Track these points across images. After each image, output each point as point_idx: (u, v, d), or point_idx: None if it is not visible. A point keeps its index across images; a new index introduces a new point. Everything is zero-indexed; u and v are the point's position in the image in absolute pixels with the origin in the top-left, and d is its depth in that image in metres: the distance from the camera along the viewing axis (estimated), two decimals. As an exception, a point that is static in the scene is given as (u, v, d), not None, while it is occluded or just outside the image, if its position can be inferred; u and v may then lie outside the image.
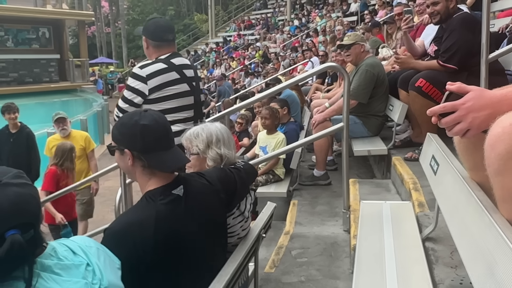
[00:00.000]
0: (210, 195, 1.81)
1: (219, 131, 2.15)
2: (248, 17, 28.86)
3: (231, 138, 2.21)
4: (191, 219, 1.70)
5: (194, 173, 1.94)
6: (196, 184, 1.80)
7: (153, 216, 1.60)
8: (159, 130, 1.68)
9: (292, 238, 3.48)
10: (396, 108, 4.06)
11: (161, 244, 1.59)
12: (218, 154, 2.10)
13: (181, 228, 1.66)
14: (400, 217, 2.80)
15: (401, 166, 3.63)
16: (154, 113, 1.74)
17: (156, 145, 1.67)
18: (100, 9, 39.68)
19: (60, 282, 1.22)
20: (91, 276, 1.30)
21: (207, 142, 2.11)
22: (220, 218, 1.86)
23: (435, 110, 1.21)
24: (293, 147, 3.92)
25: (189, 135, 2.17)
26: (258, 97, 4.13)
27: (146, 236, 1.57)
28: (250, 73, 15.37)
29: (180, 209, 1.67)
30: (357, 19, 15.68)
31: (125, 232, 1.58)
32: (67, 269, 1.27)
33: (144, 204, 1.67)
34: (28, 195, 1.25)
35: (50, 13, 22.05)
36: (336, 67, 3.64)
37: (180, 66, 2.97)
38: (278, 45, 18.61)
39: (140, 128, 1.65)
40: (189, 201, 1.71)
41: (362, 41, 4.52)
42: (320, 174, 4.54)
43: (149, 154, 1.67)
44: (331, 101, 4.88)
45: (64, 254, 1.30)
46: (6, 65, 20.74)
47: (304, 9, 23.64)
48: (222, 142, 2.12)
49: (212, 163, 2.10)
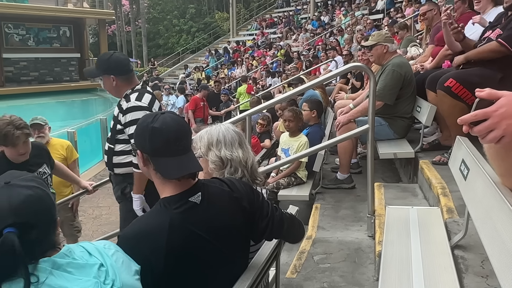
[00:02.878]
0: (230, 202, 1.73)
1: (221, 132, 2.07)
2: (270, 15, 28.71)
3: (238, 139, 2.10)
4: (208, 228, 1.64)
5: (215, 179, 1.87)
6: (215, 191, 1.72)
7: (167, 225, 1.55)
8: (169, 135, 1.60)
9: (314, 243, 3.40)
10: (424, 110, 3.93)
11: (174, 253, 1.55)
12: (217, 156, 2.03)
13: (196, 237, 1.60)
14: (428, 223, 2.71)
15: (429, 170, 3.51)
16: (169, 116, 1.66)
17: (162, 150, 1.60)
18: (120, 7, 39.99)
19: (70, 280, 1.26)
20: (103, 276, 1.32)
21: (208, 144, 2.06)
22: (241, 226, 1.77)
23: (466, 119, 1.13)
24: (316, 149, 3.84)
25: (196, 138, 2.11)
26: (281, 97, 4.04)
27: (158, 244, 1.54)
28: (271, 72, 15.27)
29: (196, 218, 1.61)
30: (383, 17, 15.42)
31: (137, 239, 1.56)
32: (80, 268, 1.30)
33: (159, 211, 1.62)
34: (34, 197, 1.27)
35: (71, 11, 22.39)
36: (361, 67, 3.54)
37: (154, 96, 3.17)
38: (300, 44, 18.46)
39: (150, 131, 1.60)
40: (206, 209, 1.65)
41: (386, 42, 4.38)
42: (344, 177, 4.44)
43: (156, 158, 1.62)
44: (356, 101, 4.77)
45: (79, 254, 1.33)
46: (27, 64, 21.16)
47: (328, 7, 23.38)
48: (223, 144, 2.05)
49: (213, 166, 2.05)
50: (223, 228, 1.68)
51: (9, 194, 1.25)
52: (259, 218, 1.79)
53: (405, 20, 9.48)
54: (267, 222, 1.80)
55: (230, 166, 2.04)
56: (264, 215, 1.80)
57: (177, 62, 31.54)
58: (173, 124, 1.62)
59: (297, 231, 2.03)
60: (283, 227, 1.88)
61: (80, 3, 24.29)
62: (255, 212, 1.78)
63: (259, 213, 1.79)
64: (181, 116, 1.95)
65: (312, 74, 10.55)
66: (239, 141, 2.10)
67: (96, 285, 1.29)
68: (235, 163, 2.05)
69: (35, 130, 4.66)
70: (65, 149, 4.82)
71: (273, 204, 1.91)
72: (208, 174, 2.11)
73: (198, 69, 21.88)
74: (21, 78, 20.83)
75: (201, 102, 10.80)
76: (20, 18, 20.26)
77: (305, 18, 24.17)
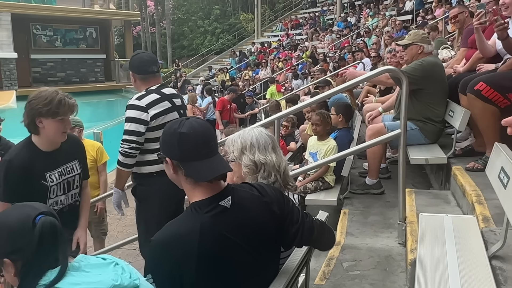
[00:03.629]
0: (260, 207, 1.72)
1: (254, 136, 2.06)
2: (295, 16, 28.56)
3: (271, 143, 2.08)
4: (239, 232, 1.63)
5: (245, 183, 1.85)
6: (245, 195, 1.72)
7: (198, 229, 1.56)
8: (197, 139, 1.61)
9: (343, 249, 3.35)
10: (458, 114, 3.82)
11: (205, 257, 1.56)
12: (251, 160, 2.02)
13: (227, 241, 1.61)
14: (464, 232, 2.63)
15: (463, 176, 3.41)
16: (194, 120, 1.67)
17: (193, 154, 1.61)
18: (145, 8, 40.31)
19: (89, 276, 1.38)
20: (120, 271, 1.42)
21: (241, 148, 2.04)
22: (271, 231, 1.75)
23: (510, 121, 1.07)
24: (345, 154, 3.77)
25: (228, 141, 2.12)
26: (310, 101, 3.99)
27: (189, 248, 1.55)
28: (297, 74, 15.18)
29: (227, 222, 1.62)
30: (412, 18, 15.16)
31: (169, 243, 1.57)
32: (97, 267, 1.41)
33: (190, 215, 1.63)
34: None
35: (98, 13, 22.77)
36: (394, 71, 3.46)
37: (170, 96, 3.21)
38: (326, 45, 18.30)
39: (178, 137, 1.61)
40: (237, 213, 1.65)
41: (422, 42, 4.26)
42: (373, 182, 4.35)
43: (187, 163, 1.63)
44: (385, 105, 4.69)
45: (94, 259, 1.46)
46: (54, 64, 21.63)
47: (355, 8, 23.11)
48: (256, 148, 2.03)
49: (247, 170, 2.03)
50: (254, 233, 1.68)
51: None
52: (289, 224, 1.78)
53: (435, 21, 9.27)
54: (297, 228, 1.79)
55: (263, 170, 2.03)
56: (294, 221, 1.79)
57: (201, 63, 31.71)
58: (199, 128, 1.63)
59: (327, 239, 2.00)
60: (313, 234, 1.86)
61: (106, 5, 24.66)
62: (285, 217, 1.77)
63: (289, 219, 1.78)
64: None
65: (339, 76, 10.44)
66: (273, 145, 2.09)
67: (116, 276, 1.38)
68: (269, 167, 2.03)
69: None
70: (95, 150, 4.85)
71: (303, 211, 1.88)
72: (240, 178, 2.09)
73: (223, 70, 21.92)
74: (48, 79, 21.31)
75: (228, 104, 10.82)
76: (48, 19, 20.72)
77: (331, 19, 23.95)
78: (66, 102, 2.57)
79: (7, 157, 2.61)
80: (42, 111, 2.51)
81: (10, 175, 2.55)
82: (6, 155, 2.65)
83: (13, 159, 2.58)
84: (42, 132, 2.58)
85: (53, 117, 2.53)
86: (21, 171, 2.56)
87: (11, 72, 19.08)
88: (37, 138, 2.63)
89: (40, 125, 2.55)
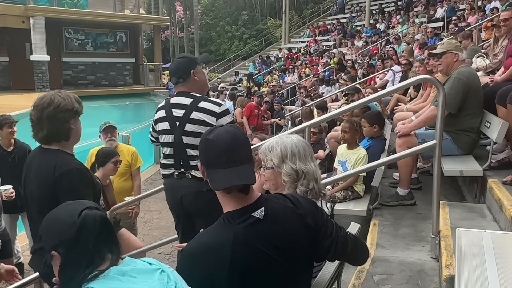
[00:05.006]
0: (293, 219, 1.69)
1: (294, 144, 2.04)
2: (323, 22, 28.40)
3: (309, 151, 2.08)
4: (271, 244, 1.61)
5: (279, 194, 1.82)
6: (278, 206, 1.69)
7: (230, 240, 1.55)
8: (220, 147, 1.59)
9: (373, 261, 3.26)
10: (495, 126, 3.69)
11: (238, 268, 1.55)
12: (293, 169, 2.00)
13: (260, 253, 1.59)
14: (505, 249, 2.53)
15: (500, 190, 3.29)
16: (225, 128, 1.66)
17: (214, 161, 1.60)
18: (174, 13, 40.84)
19: (136, 282, 1.37)
20: (166, 279, 1.42)
21: (281, 156, 2.02)
22: (304, 244, 1.71)
23: None
24: (376, 165, 3.68)
25: (264, 148, 2.09)
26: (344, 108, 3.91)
27: (221, 259, 1.54)
28: (325, 80, 15.06)
29: (259, 233, 1.59)
30: (443, 25, 14.86)
31: (201, 254, 1.57)
32: (143, 273, 1.41)
33: (222, 226, 1.62)
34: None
35: (128, 17, 23.05)
36: (430, 79, 3.37)
37: (171, 105, 3.12)
38: (354, 52, 18.11)
39: (204, 143, 1.63)
40: (270, 225, 1.62)
41: (457, 50, 4.16)
42: (405, 193, 4.24)
43: (211, 169, 1.62)
44: (418, 114, 4.57)
45: (140, 263, 1.46)
46: (85, 67, 21.99)
47: (384, 14, 22.82)
48: (297, 157, 2.02)
49: (288, 179, 2.02)
50: (287, 245, 1.65)
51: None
52: (323, 237, 1.74)
53: (469, 28, 9.05)
54: (330, 242, 1.75)
55: (304, 178, 2.02)
56: (328, 235, 1.75)
57: (228, 68, 31.86)
58: (226, 136, 1.61)
59: (360, 254, 1.94)
60: (347, 249, 1.81)
61: (137, 9, 25.00)
62: (319, 230, 1.73)
63: (323, 232, 1.74)
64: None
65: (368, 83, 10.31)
66: (311, 154, 2.09)
67: (162, 285, 1.38)
68: (309, 176, 2.02)
69: (107, 133, 4.89)
70: (130, 154, 4.90)
71: (337, 224, 1.83)
72: (275, 186, 2.07)
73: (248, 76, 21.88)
74: (79, 81, 21.68)
75: (255, 110, 10.80)
76: (80, 23, 21.12)
77: (360, 25, 23.73)
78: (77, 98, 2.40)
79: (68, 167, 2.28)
80: (77, 111, 2.32)
81: (85, 181, 2.32)
82: (63, 166, 2.27)
83: (77, 165, 2.34)
84: (72, 135, 2.35)
85: (80, 115, 2.37)
86: (90, 175, 2.41)
87: (44, 74, 19.48)
88: (63, 144, 2.35)
89: (73, 127, 2.32)
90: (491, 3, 13.07)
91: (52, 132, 2.29)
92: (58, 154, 2.33)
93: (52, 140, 2.32)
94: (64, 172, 2.26)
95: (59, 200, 2.21)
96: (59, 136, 2.32)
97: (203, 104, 3.03)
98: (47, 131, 2.28)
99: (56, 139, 2.32)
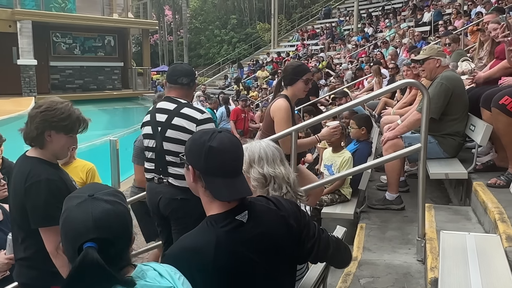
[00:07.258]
0: (277, 221, 1.69)
1: (262, 149, 2.05)
2: (312, 27, 28.55)
3: (278, 156, 2.07)
4: (254, 247, 1.61)
5: (261, 197, 1.82)
6: (262, 209, 1.69)
7: (213, 243, 1.54)
8: (225, 156, 1.57)
9: (360, 265, 3.27)
10: (479, 129, 3.74)
11: (221, 272, 1.54)
12: (261, 173, 2.01)
13: (243, 256, 1.58)
14: (487, 251, 2.57)
15: (484, 193, 3.33)
16: (226, 135, 1.62)
17: (217, 170, 1.57)
18: (163, 17, 40.79)
19: None
20: None
21: (249, 161, 2.02)
22: (287, 246, 1.71)
23: None
24: (362, 168, 3.69)
25: None
26: (329, 113, 3.92)
27: (203, 262, 1.53)
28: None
29: (242, 237, 1.59)
30: (430, 29, 15.02)
31: (182, 257, 1.55)
32: None
33: (205, 229, 1.60)
34: (115, 213, 1.29)
35: (116, 21, 23.01)
36: (415, 84, 3.41)
37: (156, 109, 3.11)
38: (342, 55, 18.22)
39: (206, 150, 1.56)
40: (253, 228, 1.61)
41: (438, 56, 4.20)
42: (393, 197, 4.25)
43: (209, 177, 1.59)
44: (403, 119, 4.60)
45: (152, 276, 1.35)
46: (73, 72, 21.94)
47: (372, 18, 23.01)
48: (265, 161, 2.03)
49: (256, 183, 2.02)
50: (270, 248, 1.65)
51: (93, 208, 1.26)
52: (305, 238, 1.74)
53: (456, 32, 9.15)
54: (313, 243, 1.75)
55: (274, 182, 2.02)
56: (311, 236, 1.76)
57: (217, 72, 31.88)
58: (230, 145, 1.59)
59: (343, 257, 1.95)
60: (329, 250, 1.82)
61: (125, 13, 24.89)
62: (302, 231, 1.74)
63: (306, 233, 1.74)
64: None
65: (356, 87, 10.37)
66: (280, 157, 2.09)
67: None
68: (279, 180, 2.03)
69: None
70: (85, 171, 4.33)
71: (319, 226, 1.84)
72: None
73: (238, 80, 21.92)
74: (66, 86, 21.63)
75: (242, 114, 10.79)
76: (68, 27, 21.04)
77: (348, 29, 23.89)
78: (83, 120, 2.39)
79: (38, 178, 2.26)
80: (57, 125, 2.29)
81: (54, 193, 2.25)
82: (34, 177, 2.27)
83: (49, 175, 2.29)
84: (48, 146, 2.33)
85: (66, 133, 2.33)
86: (64, 185, 2.33)
87: (31, 79, 19.36)
88: (38, 151, 2.35)
89: (48, 139, 2.30)
90: (477, 7, 13.27)
91: (32, 135, 2.30)
92: (35, 163, 2.32)
93: (30, 141, 2.35)
94: (34, 183, 2.25)
95: (27, 211, 2.25)
96: (33, 140, 2.33)
97: (186, 110, 3.02)
98: (28, 132, 2.31)
99: (33, 142, 2.34)
